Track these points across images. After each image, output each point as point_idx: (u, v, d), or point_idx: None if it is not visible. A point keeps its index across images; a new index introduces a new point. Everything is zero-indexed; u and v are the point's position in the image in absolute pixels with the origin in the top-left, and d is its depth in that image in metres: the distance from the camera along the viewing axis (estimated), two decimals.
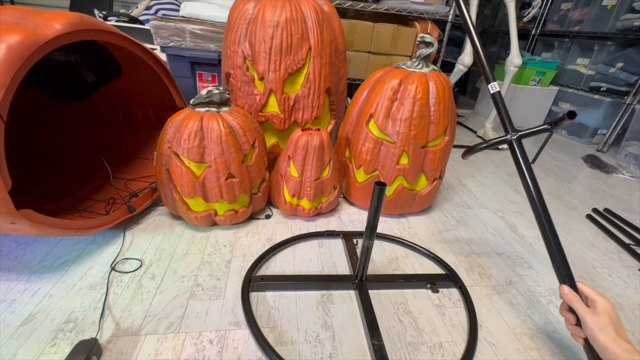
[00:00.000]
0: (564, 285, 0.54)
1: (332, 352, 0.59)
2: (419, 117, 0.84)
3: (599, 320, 0.47)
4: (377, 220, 0.63)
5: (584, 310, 0.49)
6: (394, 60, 1.55)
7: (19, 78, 0.54)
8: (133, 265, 0.74)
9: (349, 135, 0.98)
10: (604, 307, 0.48)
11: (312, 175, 0.87)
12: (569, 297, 0.52)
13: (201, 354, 0.56)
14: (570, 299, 0.51)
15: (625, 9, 1.78)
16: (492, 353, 0.61)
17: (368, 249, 0.67)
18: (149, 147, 1.06)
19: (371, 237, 0.65)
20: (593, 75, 1.95)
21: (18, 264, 0.73)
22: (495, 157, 1.61)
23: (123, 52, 0.85)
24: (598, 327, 0.46)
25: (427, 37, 0.84)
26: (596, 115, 1.90)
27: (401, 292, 0.73)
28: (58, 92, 1.01)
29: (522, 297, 0.75)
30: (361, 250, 0.68)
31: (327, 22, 0.95)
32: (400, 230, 0.95)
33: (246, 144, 0.82)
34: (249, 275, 0.72)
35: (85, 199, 0.92)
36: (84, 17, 0.65)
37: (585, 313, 0.49)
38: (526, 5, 2.36)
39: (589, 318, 0.48)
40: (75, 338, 0.57)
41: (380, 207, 0.60)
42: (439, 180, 0.98)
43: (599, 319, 0.47)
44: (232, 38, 0.92)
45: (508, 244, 0.94)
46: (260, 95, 0.94)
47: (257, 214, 0.97)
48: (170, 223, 0.90)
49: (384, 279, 0.76)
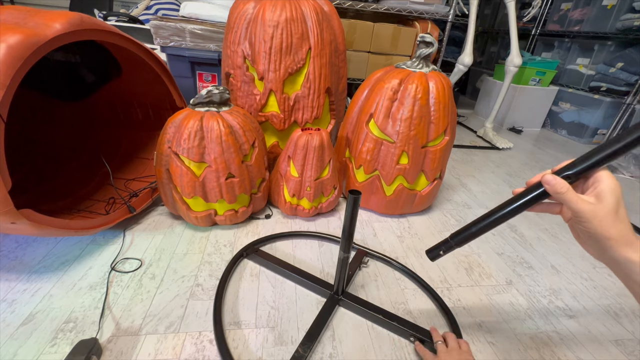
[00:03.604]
0: (547, 174, 0.37)
1: (332, 352, 0.59)
2: (419, 117, 0.84)
3: (604, 208, 0.32)
4: (353, 230, 0.58)
5: (580, 200, 0.34)
6: (394, 60, 1.55)
7: (19, 78, 0.54)
8: (133, 265, 0.74)
9: (349, 135, 0.98)
10: (610, 187, 0.33)
11: (312, 175, 0.87)
12: (555, 186, 0.35)
13: (201, 353, 0.56)
14: (557, 190, 0.35)
15: (625, 9, 1.78)
16: (492, 353, 0.61)
17: (343, 261, 0.62)
18: (149, 147, 1.06)
19: (347, 249, 0.60)
20: (593, 75, 1.95)
21: (18, 264, 0.73)
22: (496, 157, 1.61)
23: (123, 52, 0.85)
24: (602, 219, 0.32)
25: (427, 37, 0.84)
26: (596, 115, 1.90)
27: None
28: (58, 92, 1.01)
29: (522, 297, 0.75)
30: (338, 262, 0.63)
31: (327, 22, 0.95)
32: (400, 230, 0.95)
33: (246, 143, 0.82)
34: (249, 245, 0.79)
35: (85, 198, 0.92)
36: (84, 17, 0.65)
37: (582, 203, 0.33)
38: (526, 5, 2.36)
39: (587, 208, 0.33)
40: (75, 338, 0.57)
41: (356, 217, 0.56)
42: (439, 180, 0.98)
43: (604, 206, 0.33)
44: (232, 38, 0.92)
45: (508, 244, 0.94)
46: (260, 95, 0.94)
47: (257, 214, 0.97)
48: (170, 223, 0.90)
49: (361, 304, 0.66)
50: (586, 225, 0.33)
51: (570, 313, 0.72)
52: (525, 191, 0.39)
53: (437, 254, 0.47)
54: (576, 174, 0.35)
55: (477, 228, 0.43)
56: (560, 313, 0.72)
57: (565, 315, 0.72)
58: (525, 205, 0.39)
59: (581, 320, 0.70)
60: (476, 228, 0.43)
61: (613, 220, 0.32)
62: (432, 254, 0.48)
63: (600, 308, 0.74)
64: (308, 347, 0.57)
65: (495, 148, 1.76)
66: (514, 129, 2.09)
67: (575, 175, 0.35)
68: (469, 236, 0.44)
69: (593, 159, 0.34)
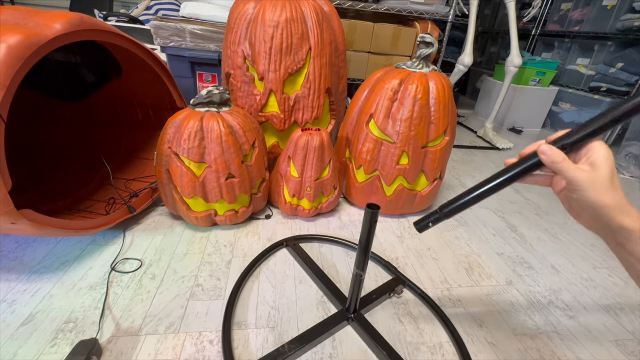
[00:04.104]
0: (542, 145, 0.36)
1: (332, 352, 0.59)
2: (419, 117, 0.84)
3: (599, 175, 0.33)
4: (370, 246, 0.54)
5: (576, 168, 0.34)
6: (394, 60, 1.55)
7: (19, 78, 0.54)
8: (133, 265, 0.74)
9: (349, 135, 0.98)
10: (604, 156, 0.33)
11: (312, 175, 0.87)
12: (552, 156, 0.35)
13: (201, 354, 0.56)
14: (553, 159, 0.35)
15: (625, 9, 1.78)
16: (492, 353, 0.61)
17: (356, 277, 0.59)
18: (149, 147, 1.06)
19: (362, 266, 0.57)
20: (593, 75, 1.95)
21: (18, 264, 0.73)
22: (496, 157, 1.61)
23: (123, 52, 0.85)
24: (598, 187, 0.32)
25: (427, 37, 0.84)
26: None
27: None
28: (58, 92, 1.01)
29: (522, 297, 0.75)
30: (352, 280, 0.61)
31: (327, 22, 0.95)
32: (401, 230, 0.95)
33: (246, 144, 0.82)
34: (291, 238, 0.86)
35: (85, 199, 0.92)
36: (84, 17, 0.65)
37: (578, 171, 0.34)
38: (526, 5, 2.36)
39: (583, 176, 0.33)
40: (75, 338, 0.57)
41: (373, 232, 0.53)
42: (439, 180, 0.98)
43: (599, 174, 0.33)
44: (232, 38, 0.92)
45: (508, 244, 0.94)
46: (260, 95, 0.94)
47: (257, 214, 0.97)
48: (170, 223, 0.90)
49: (369, 333, 0.61)
50: (582, 194, 0.33)
51: (570, 313, 0.72)
52: (518, 161, 0.38)
53: (425, 225, 0.46)
54: (572, 143, 0.35)
55: (467, 199, 0.42)
56: (560, 313, 0.72)
57: (565, 315, 0.72)
58: (518, 176, 0.38)
59: (581, 320, 0.70)
60: (466, 199, 0.42)
61: (608, 188, 0.32)
62: (420, 225, 0.46)
63: (600, 308, 0.74)
64: (294, 348, 0.57)
65: (495, 148, 1.76)
66: (514, 129, 2.09)
67: (571, 145, 0.35)
68: (459, 207, 0.43)
69: (590, 129, 0.35)
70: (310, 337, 0.59)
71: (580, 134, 0.35)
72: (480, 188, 0.41)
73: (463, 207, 0.43)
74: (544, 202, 1.19)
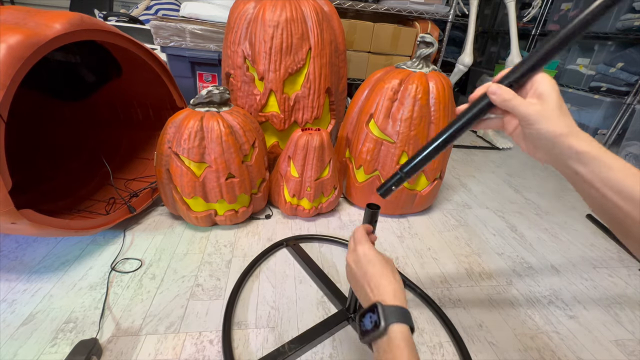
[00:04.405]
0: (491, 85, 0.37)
1: (332, 352, 0.59)
2: (419, 117, 0.84)
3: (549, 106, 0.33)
4: None
5: (526, 103, 0.34)
6: (394, 60, 1.55)
7: (19, 78, 0.54)
8: (133, 265, 0.74)
9: (349, 135, 0.98)
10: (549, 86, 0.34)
11: (312, 175, 0.87)
12: (502, 94, 0.35)
13: (201, 354, 0.56)
14: (504, 97, 0.35)
15: (625, 9, 1.77)
16: (492, 353, 0.61)
17: None
18: (149, 147, 1.06)
19: None
20: (593, 75, 1.95)
21: (18, 264, 0.73)
22: (496, 157, 1.61)
23: (123, 52, 0.85)
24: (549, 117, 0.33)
25: (427, 37, 0.84)
26: (596, 115, 1.90)
27: None
28: (58, 92, 1.01)
29: (522, 297, 0.75)
30: None
31: (327, 22, 0.95)
32: (401, 230, 0.95)
33: (246, 144, 0.82)
34: (292, 238, 0.86)
35: (85, 199, 0.92)
36: (84, 17, 0.65)
37: (529, 106, 0.34)
38: (526, 5, 2.36)
39: (534, 109, 0.33)
40: (76, 338, 0.57)
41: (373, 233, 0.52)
42: (439, 180, 0.98)
43: (548, 105, 0.33)
44: (232, 38, 0.92)
45: (508, 244, 0.94)
46: (260, 95, 0.94)
47: (257, 214, 0.97)
48: (170, 223, 0.90)
49: None
50: (536, 127, 0.33)
51: (570, 313, 0.72)
52: (470, 106, 0.38)
53: (388, 190, 0.44)
54: (517, 79, 0.35)
55: (426, 153, 0.41)
56: (560, 313, 0.72)
57: (565, 315, 0.72)
58: (472, 120, 0.38)
59: (581, 320, 0.71)
60: (424, 153, 0.41)
61: (559, 117, 0.33)
62: (383, 190, 0.45)
63: (600, 308, 0.74)
64: (294, 348, 0.57)
65: (496, 148, 1.76)
66: None
67: (517, 81, 0.35)
68: (419, 163, 0.42)
69: (531, 62, 0.35)
70: (310, 337, 0.59)
71: (523, 68, 0.35)
72: (436, 140, 0.40)
73: (423, 163, 0.41)
74: (544, 202, 1.19)
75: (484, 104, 0.37)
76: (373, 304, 0.38)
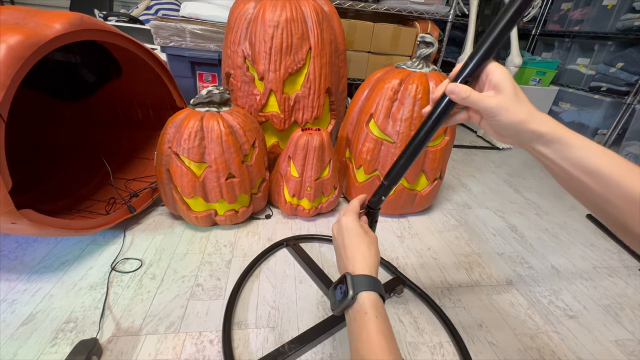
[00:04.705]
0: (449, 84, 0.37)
1: (332, 352, 0.59)
2: (419, 117, 0.84)
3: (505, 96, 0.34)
4: None
5: (484, 97, 0.35)
6: (394, 60, 1.55)
7: (19, 78, 0.54)
8: (133, 265, 0.75)
9: (349, 135, 0.98)
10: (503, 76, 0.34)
11: (312, 175, 0.87)
12: (459, 93, 0.36)
13: (201, 354, 0.56)
14: (462, 95, 0.36)
15: (626, 8, 1.77)
16: (492, 353, 0.61)
17: None
18: (149, 147, 1.06)
19: None
20: (593, 75, 1.95)
21: (18, 264, 0.73)
22: (496, 157, 1.61)
23: (123, 52, 0.85)
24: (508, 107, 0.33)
25: (427, 37, 0.84)
26: (596, 115, 1.90)
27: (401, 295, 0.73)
28: (58, 92, 1.01)
29: (522, 297, 0.75)
30: None
31: (327, 22, 0.95)
32: (401, 230, 0.95)
33: (246, 143, 0.82)
34: (291, 237, 0.86)
35: (86, 199, 0.92)
36: (84, 17, 0.65)
37: (487, 99, 0.34)
38: None
39: (493, 102, 0.34)
40: (76, 338, 0.57)
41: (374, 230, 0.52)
42: (439, 180, 0.98)
43: (505, 95, 0.34)
44: (232, 38, 0.92)
45: (508, 244, 0.94)
46: (260, 95, 0.94)
47: (257, 214, 0.97)
48: (170, 223, 0.90)
49: None
50: (498, 118, 0.34)
51: (570, 313, 0.72)
52: (434, 107, 0.39)
53: (379, 201, 0.47)
54: (471, 74, 0.36)
55: (404, 160, 0.43)
56: (560, 313, 0.72)
57: (565, 315, 0.72)
58: (438, 120, 0.39)
59: (581, 320, 0.71)
60: (403, 160, 0.43)
61: (517, 104, 0.34)
62: (375, 201, 0.47)
63: (600, 308, 0.74)
64: (294, 348, 0.57)
65: (496, 148, 1.76)
66: None
67: (470, 75, 0.36)
68: (400, 170, 0.44)
69: (480, 53, 0.36)
70: (310, 337, 0.59)
71: (474, 62, 0.36)
72: (410, 146, 0.42)
73: (404, 169, 0.44)
74: (544, 202, 1.19)
75: (446, 103, 0.38)
76: (343, 274, 0.40)
